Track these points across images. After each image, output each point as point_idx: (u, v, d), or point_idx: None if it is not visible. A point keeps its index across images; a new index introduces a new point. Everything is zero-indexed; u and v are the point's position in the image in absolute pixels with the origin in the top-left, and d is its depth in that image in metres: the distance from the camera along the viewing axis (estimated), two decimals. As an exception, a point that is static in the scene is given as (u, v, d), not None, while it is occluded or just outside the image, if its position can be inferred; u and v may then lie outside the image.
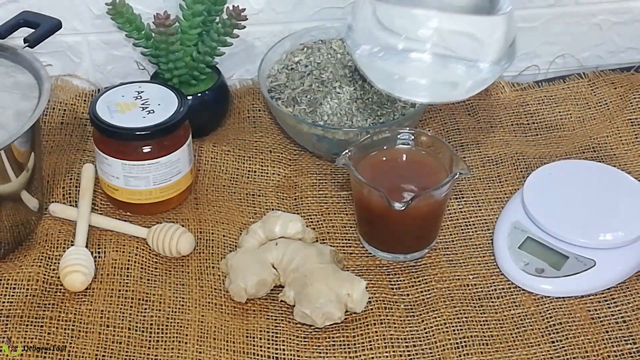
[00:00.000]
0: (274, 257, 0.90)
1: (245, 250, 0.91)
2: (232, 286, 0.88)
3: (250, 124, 1.11)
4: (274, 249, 0.90)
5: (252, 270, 0.88)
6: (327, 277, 0.86)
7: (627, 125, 1.09)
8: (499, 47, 0.94)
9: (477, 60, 0.93)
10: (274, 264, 0.90)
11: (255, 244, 0.92)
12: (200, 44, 1.05)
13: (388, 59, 0.94)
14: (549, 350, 0.84)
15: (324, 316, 0.85)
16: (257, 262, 0.89)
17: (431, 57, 0.93)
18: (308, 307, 0.85)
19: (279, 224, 0.92)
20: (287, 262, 0.89)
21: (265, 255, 0.90)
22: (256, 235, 0.92)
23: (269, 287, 0.88)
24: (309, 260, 0.88)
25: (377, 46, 0.95)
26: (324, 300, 0.85)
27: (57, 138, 1.08)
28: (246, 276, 0.87)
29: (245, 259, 0.89)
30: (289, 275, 0.88)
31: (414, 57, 0.93)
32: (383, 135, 0.96)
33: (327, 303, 0.85)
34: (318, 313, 0.85)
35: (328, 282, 0.86)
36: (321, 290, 0.85)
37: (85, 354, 0.84)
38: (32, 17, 1.00)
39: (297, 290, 0.87)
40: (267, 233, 0.92)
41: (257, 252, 0.90)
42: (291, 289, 0.87)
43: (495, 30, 0.94)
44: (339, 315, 0.85)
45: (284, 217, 0.93)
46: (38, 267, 0.91)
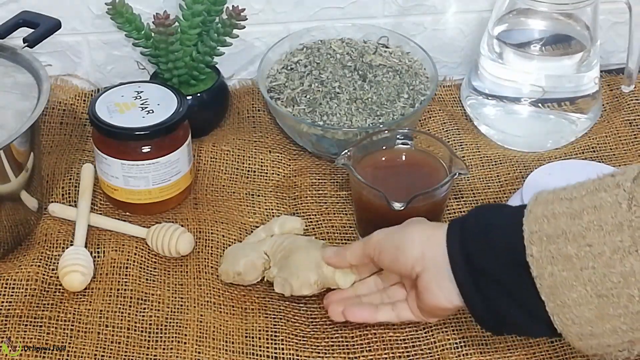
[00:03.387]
0: (267, 246, 0.90)
1: (243, 243, 0.93)
2: (221, 267, 0.90)
3: (249, 124, 1.11)
4: (269, 240, 0.91)
5: (244, 253, 0.89)
6: (309, 250, 0.87)
7: (626, 125, 1.09)
8: None
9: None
10: (266, 252, 0.90)
11: (255, 240, 0.93)
12: (200, 44, 1.05)
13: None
14: (549, 350, 0.84)
15: (300, 279, 0.85)
16: (249, 248, 0.90)
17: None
18: (286, 273, 0.86)
19: (278, 223, 0.93)
20: (277, 247, 0.89)
21: (259, 245, 0.91)
22: (257, 235, 0.93)
23: (258, 270, 0.88)
24: (298, 241, 0.89)
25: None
26: (303, 266, 0.85)
27: (56, 138, 1.08)
28: (238, 258, 0.89)
29: (240, 247, 0.91)
30: (277, 256, 0.88)
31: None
32: (382, 135, 0.96)
33: (305, 269, 0.85)
34: (294, 276, 0.85)
35: (309, 253, 0.86)
36: (301, 258, 0.86)
37: (84, 353, 0.84)
38: (32, 17, 1.00)
39: (280, 265, 0.87)
40: (267, 232, 0.93)
41: (252, 243, 0.92)
42: (276, 266, 0.88)
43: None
44: (315, 279, 0.85)
45: (284, 217, 0.94)
46: (37, 267, 0.91)
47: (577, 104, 1.06)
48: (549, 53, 1.05)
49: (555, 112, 1.06)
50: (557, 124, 1.07)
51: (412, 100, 1.04)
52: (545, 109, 1.06)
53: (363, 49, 1.10)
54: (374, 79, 1.06)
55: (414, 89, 1.05)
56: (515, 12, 1.05)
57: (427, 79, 1.07)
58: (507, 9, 1.05)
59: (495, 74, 1.07)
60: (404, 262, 0.77)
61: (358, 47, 1.10)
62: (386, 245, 0.79)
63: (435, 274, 0.76)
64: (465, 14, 1.17)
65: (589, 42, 1.05)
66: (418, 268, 0.76)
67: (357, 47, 1.10)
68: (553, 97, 1.05)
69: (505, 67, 1.06)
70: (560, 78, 1.05)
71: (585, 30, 1.04)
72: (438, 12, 1.16)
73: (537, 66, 1.05)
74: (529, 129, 1.07)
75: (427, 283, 0.76)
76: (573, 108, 1.06)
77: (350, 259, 0.83)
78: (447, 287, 0.75)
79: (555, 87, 1.05)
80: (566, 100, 1.06)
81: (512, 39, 1.06)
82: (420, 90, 1.05)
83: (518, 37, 1.06)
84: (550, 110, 1.06)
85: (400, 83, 1.06)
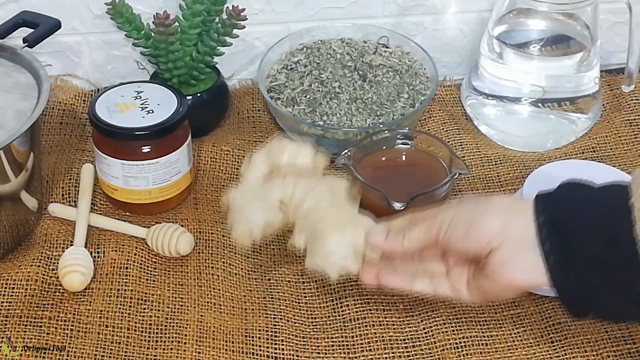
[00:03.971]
0: (282, 194, 0.80)
1: (248, 186, 0.83)
2: (236, 230, 0.81)
3: (249, 124, 1.11)
4: (282, 185, 0.81)
5: (257, 211, 0.80)
6: (342, 225, 0.78)
7: (626, 125, 1.09)
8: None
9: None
10: (282, 200, 0.80)
11: (259, 176, 0.83)
12: (200, 44, 1.05)
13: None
14: (549, 351, 0.84)
15: (339, 271, 0.78)
16: (262, 199, 0.80)
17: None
18: (322, 261, 0.78)
19: (286, 154, 0.83)
20: (298, 203, 0.80)
21: (271, 192, 0.81)
22: (260, 167, 0.84)
23: (275, 228, 0.81)
24: (322, 202, 0.80)
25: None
26: (340, 254, 0.77)
27: (56, 138, 1.08)
28: (251, 219, 0.80)
29: (249, 197, 0.81)
30: (300, 220, 0.80)
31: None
32: (382, 135, 0.96)
33: (343, 258, 0.77)
34: (333, 268, 0.78)
35: (344, 230, 0.78)
36: (336, 241, 0.77)
37: (84, 353, 0.84)
38: (32, 17, 1.00)
39: (309, 237, 0.79)
40: (272, 164, 0.83)
41: (262, 188, 0.82)
42: (302, 235, 0.80)
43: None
44: (356, 269, 0.79)
45: (292, 146, 0.83)
46: (37, 267, 0.91)
47: (577, 104, 1.06)
48: (549, 53, 1.05)
49: (556, 112, 1.06)
50: (557, 124, 1.07)
51: (412, 100, 1.04)
52: (545, 109, 1.06)
53: (363, 49, 1.10)
54: (374, 79, 1.06)
55: (414, 89, 1.05)
56: (515, 12, 1.05)
57: (427, 79, 1.07)
58: (507, 9, 1.05)
59: (495, 74, 1.07)
60: (477, 238, 0.73)
61: (358, 47, 1.10)
62: (456, 221, 0.74)
63: (515, 248, 0.71)
64: (465, 14, 1.17)
65: (589, 42, 1.05)
66: (495, 243, 0.72)
67: (357, 47, 1.10)
68: (553, 97, 1.05)
69: (506, 67, 1.06)
70: (561, 78, 1.05)
71: (586, 30, 1.04)
72: (438, 12, 1.16)
73: (537, 66, 1.05)
74: (529, 129, 1.07)
75: (504, 258, 0.72)
76: (573, 108, 1.06)
77: (409, 245, 0.77)
78: (527, 262, 0.71)
79: (556, 87, 1.05)
80: (566, 100, 1.06)
81: (512, 39, 1.06)
82: (420, 90, 1.05)
83: (518, 37, 1.06)
84: (551, 110, 1.06)
85: (400, 83, 1.06)
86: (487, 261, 0.73)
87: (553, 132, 1.07)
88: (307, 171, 0.83)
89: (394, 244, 0.78)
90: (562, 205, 0.71)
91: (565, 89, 1.06)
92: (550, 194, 0.73)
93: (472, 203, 0.76)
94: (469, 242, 0.74)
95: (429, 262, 0.81)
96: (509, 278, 0.73)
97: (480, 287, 0.76)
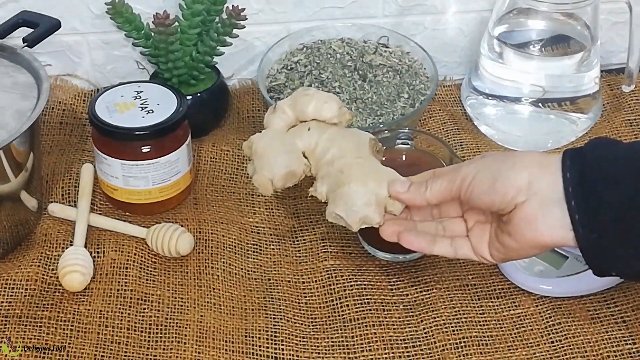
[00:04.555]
0: (306, 144, 0.80)
1: (272, 134, 0.81)
2: (256, 176, 0.79)
3: (249, 124, 1.11)
4: (306, 135, 0.80)
5: (281, 158, 0.79)
6: (365, 175, 0.77)
7: (627, 125, 1.09)
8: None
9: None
10: (304, 151, 0.80)
11: (283, 125, 0.82)
12: (200, 43, 1.05)
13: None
14: (549, 351, 0.84)
15: (360, 220, 0.77)
16: (286, 148, 0.79)
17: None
18: (344, 209, 0.76)
19: (312, 105, 0.81)
20: (321, 153, 0.79)
21: (296, 140, 0.80)
22: (285, 116, 0.82)
23: (298, 178, 0.80)
24: (346, 152, 0.78)
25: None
26: (361, 202, 0.76)
27: (56, 138, 1.08)
28: (273, 166, 0.78)
29: (273, 144, 0.80)
30: (322, 168, 0.79)
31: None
32: (382, 135, 0.96)
33: (365, 205, 0.76)
34: (354, 217, 0.76)
35: (367, 181, 0.76)
36: (359, 190, 0.76)
37: (84, 353, 0.84)
38: (31, 17, 1.00)
39: (331, 187, 0.77)
40: (298, 114, 0.82)
41: (286, 136, 0.81)
42: (324, 184, 0.78)
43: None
44: (378, 220, 0.77)
45: (318, 97, 0.82)
46: (37, 267, 0.91)
47: (577, 104, 1.06)
48: (549, 53, 1.05)
49: (556, 112, 1.06)
50: (558, 124, 1.07)
51: (412, 100, 1.04)
52: (545, 109, 1.06)
53: (363, 49, 1.10)
54: (374, 79, 1.06)
55: (414, 88, 1.05)
56: (515, 11, 1.05)
57: (427, 79, 1.07)
58: (507, 9, 1.05)
59: (495, 74, 1.07)
60: (502, 192, 0.72)
61: (358, 47, 1.10)
62: (481, 175, 0.73)
63: (541, 203, 0.71)
64: (465, 14, 1.17)
65: (589, 42, 1.04)
66: (521, 197, 0.71)
67: (357, 47, 1.10)
68: (553, 97, 1.05)
69: (506, 67, 1.06)
70: (561, 78, 1.05)
71: (586, 30, 1.04)
72: (438, 12, 1.16)
73: (537, 66, 1.05)
74: (529, 128, 1.07)
75: (530, 214, 0.71)
76: (573, 108, 1.06)
77: (430, 197, 0.76)
78: (553, 218, 0.71)
79: (556, 87, 1.05)
80: (566, 100, 1.06)
81: (512, 38, 1.06)
82: (420, 90, 1.05)
83: (518, 37, 1.06)
84: (551, 110, 1.06)
85: (400, 83, 1.06)
86: (512, 216, 0.73)
87: (553, 132, 1.07)
88: (332, 122, 0.82)
89: (415, 195, 0.77)
90: (589, 162, 0.71)
91: (565, 89, 1.06)
92: (579, 150, 0.72)
93: (498, 156, 0.75)
94: (494, 196, 0.73)
95: (449, 222, 0.80)
96: (534, 234, 0.72)
97: (503, 245, 0.75)
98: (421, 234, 0.79)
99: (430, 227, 0.80)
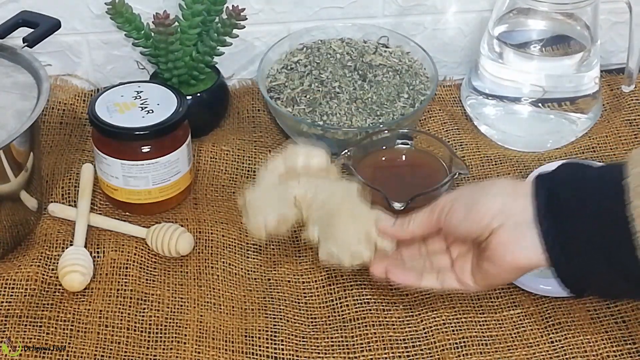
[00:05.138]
0: (297, 192, 0.83)
1: (265, 186, 0.85)
2: (250, 223, 0.82)
3: (249, 124, 1.11)
4: (297, 185, 0.84)
5: (273, 205, 0.82)
6: (355, 215, 0.80)
7: (626, 125, 1.09)
8: None
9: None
10: (296, 199, 0.83)
11: (275, 178, 0.86)
12: (200, 43, 1.05)
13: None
14: (548, 351, 0.84)
15: (352, 256, 0.80)
16: (278, 197, 0.83)
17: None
18: (334, 245, 0.80)
19: (301, 158, 0.86)
20: (312, 199, 0.83)
21: (287, 190, 0.84)
22: (276, 170, 0.86)
23: (290, 224, 0.83)
24: (335, 197, 0.82)
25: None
26: (352, 238, 0.79)
27: (56, 138, 1.08)
28: (266, 212, 0.82)
29: (266, 194, 0.83)
30: (313, 213, 0.82)
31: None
32: (382, 135, 0.96)
33: (355, 242, 0.79)
34: (346, 252, 0.79)
35: (357, 219, 0.80)
36: (349, 227, 0.80)
37: (84, 353, 0.84)
38: (31, 17, 1.00)
39: (322, 228, 0.81)
40: (288, 167, 0.86)
41: (278, 187, 0.84)
42: (316, 227, 0.82)
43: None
44: (369, 254, 0.80)
45: (307, 150, 0.86)
46: (37, 267, 0.91)
47: (577, 104, 1.06)
48: (549, 53, 1.05)
49: (556, 112, 1.06)
50: (557, 124, 1.07)
51: (412, 100, 1.04)
52: (545, 109, 1.06)
53: (363, 49, 1.10)
54: (374, 79, 1.06)
55: (414, 88, 1.05)
56: (515, 11, 1.05)
57: (427, 79, 1.07)
58: (507, 9, 1.05)
59: (495, 74, 1.07)
60: (477, 219, 0.74)
61: (358, 47, 1.10)
62: (457, 204, 0.76)
63: (515, 228, 0.72)
64: (465, 14, 1.17)
65: (589, 42, 1.04)
66: (495, 223, 0.73)
67: (357, 47, 1.10)
68: (553, 97, 1.05)
69: (506, 67, 1.06)
70: (561, 78, 1.05)
71: (586, 30, 1.04)
72: (438, 12, 1.16)
73: (537, 66, 1.05)
74: (529, 128, 1.07)
75: (505, 239, 0.73)
76: (573, 108, 1.06)
77: (414, 228, 0.79)
78: (527, 241, 0.72)
79: (556, 87, 1.05)
80: (566, 100, 1.06)
81: (512, 39, 1.06)
82: (420, 90, 1.05)
83: (518, 37, 1.06)
84: (551, 110, 1.06)
85: (400, 83, 1.06)
86: (489, 242, 0.74)
87: (553, 132, 1.07)
88: (321, 174, 0.85)
89: (400, 228, 0.80)
90: (559, 186, 0.72)
91: (565, 89, 1.06)
92: (549, 174, 0.74)
93: (473, 187, 0.77)
94: (471, 223, 0.75)
95: (435, 257, 0.82)
96: (511, 258, 0.74)
97: (483, 272, 0.77)
98: (408, 270, 0.82)
99: (418, 263, 0.83)
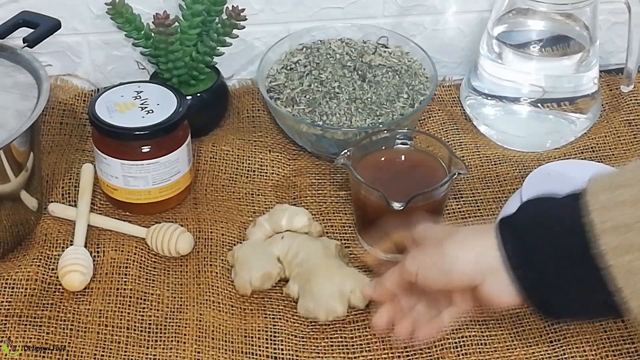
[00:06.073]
0: (280, 250, 0.90)
1: (251, 243, 0.92)
2: (237, 278, 0.89)
3: (249, 124, 1.11)
4: (280, 242, 0.91)
5: (258, 263, 0.89)
6: (331, 273, 0.87)
7: (625, 125, 1.09)
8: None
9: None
10: (279, 257, 0.90)
11: (261, 236, 0.93)
12: (200, 44, 1.05)
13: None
14: (547, 350, 0.84)
15: (326, 311, 0.85)
16: (262, 255, 0.90)
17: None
18: (311, 301, 0.86)
19: (285, 217, 0.92)
20: (292, 256, 0.89)
21: (271, 248, 0.91)
22: (262, 228, 0.93)
23: (274, 280, 0.89)
24: (314, 255, 0.89)
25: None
26: (327, 295, 0.85)
27: (56, 138, 1.08)
28: (251, 269, 0.88)
29: (251, 251, 0.90)
30: (294, 269, 0.89)
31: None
32: (382, 135, 0.96)
33: (330, 298, 0.85)
34: (321, 308, 0.85)
35: (332, 278, 0.86)
36: (325, 285, 0.86)
37: (84, 353, 0.84)
38: (32, 17, 1.00)
39: (301, 284, 0.87)
40: (273, 226, 0.93)
41: (263, 244, 0.91)
42: (295, 282, 0.88)
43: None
44: (342, 310, 0.86)
45: (291, 211, 0.93)
46: (37, 267, 0.91)
47: (576, 104, 1.07)
48: (548, 53, 1.05)
49: (555, 112, 1.06)
50: (557, 124, 1.07)
51: (411, 100, 1.04)
52: (544, 109, 1.06)
53: (363, 49, 1.10)
54: (373, 79, 1.06)
55: (413, 89, 1.05)
56: (514, 12, 1.05)
57: (426, 79, 1.07)
58: (507, 9, 1.05)
59: (494, 74, 1.07)
60: (459, 282, 0.76)
61: (358, 47, 1.10)
62: (431, 273, 0.77)
63: (496, 280, 0.75)
64: (465, 14, 1.17)
65: (588, 42, 1.05)
66: (478, 280, 0.75)
67: (357, 47, 1.10)
68: (552, 97, 1.05)
69: (505, 67, 1.06)
70: (560, 78, 1.06)
71: (585, 31, 1.04)
72: (438, 12, 1.16)
73: (536, 66, 1.05)
74: (528, 129, 1.07)
75: (490, 291, 0.75)
76: (572, 108, 1.06)
77: (391, 287, 0.82)
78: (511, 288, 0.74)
79: (555, 87, 1.05)
80: (565, 100, 1.06)
81: (512, 39, 1.06)
82: (420, 90, 1.05)
83: (517, 38, 1.06)
84: (550, 110, 1.06)
85: (399, 83, 1.06)
86: (479, 292, 0.77)
87: (552, 132, 1.07)
88: (303, 233, 0.92)
89: (382, 292, 0.83)
90: (522, 228, 0.74)
91: (564, 89, 1.06)
92: (510, 218, 0.76)
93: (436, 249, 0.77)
94: (453, 285, 0.77)
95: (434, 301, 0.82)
96: (506, 302, 0.76)
97: (485, 304, 0.79)
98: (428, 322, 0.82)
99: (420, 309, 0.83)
